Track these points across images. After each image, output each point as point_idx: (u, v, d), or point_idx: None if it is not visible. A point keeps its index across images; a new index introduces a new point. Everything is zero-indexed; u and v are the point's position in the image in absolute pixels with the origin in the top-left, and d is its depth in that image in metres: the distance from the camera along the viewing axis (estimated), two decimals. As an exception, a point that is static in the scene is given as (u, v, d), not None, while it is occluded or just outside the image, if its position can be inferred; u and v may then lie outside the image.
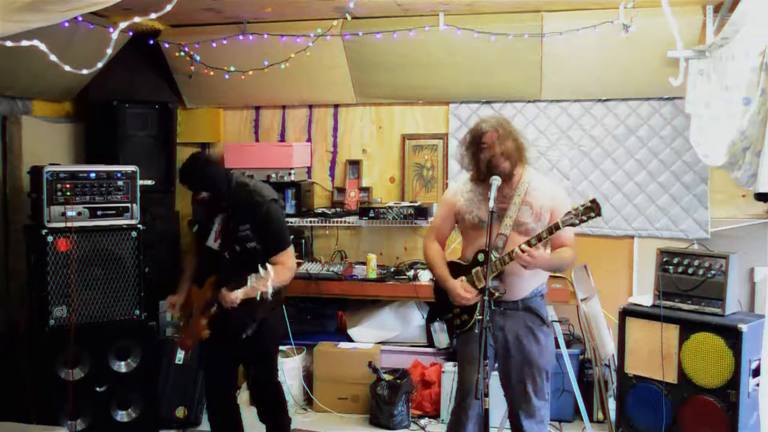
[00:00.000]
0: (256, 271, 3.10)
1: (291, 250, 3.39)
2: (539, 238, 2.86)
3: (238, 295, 3.14)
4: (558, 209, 2.97)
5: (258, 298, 3.12)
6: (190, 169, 3.31)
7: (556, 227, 2.82)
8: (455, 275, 3.10)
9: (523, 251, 2.84)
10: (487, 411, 2.59)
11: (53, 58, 3.11)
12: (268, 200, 3.30)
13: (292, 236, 3.64)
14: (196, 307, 3.40)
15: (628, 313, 3.80)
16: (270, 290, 3.09)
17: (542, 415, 3.09)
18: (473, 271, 3.05)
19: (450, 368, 4.30)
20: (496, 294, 2.95)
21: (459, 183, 3.26)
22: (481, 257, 3.01)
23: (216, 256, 3.33)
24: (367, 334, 4.66)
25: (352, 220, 4.76)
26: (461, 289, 3.03)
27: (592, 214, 2.76)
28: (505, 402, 3.19)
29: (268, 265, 3.08)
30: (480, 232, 3.02)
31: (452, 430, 3.17)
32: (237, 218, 3.28)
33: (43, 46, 2.99)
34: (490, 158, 2.96)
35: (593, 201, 2.77)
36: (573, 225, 2.81)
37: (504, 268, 2.95)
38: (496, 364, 3.13)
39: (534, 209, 3.01)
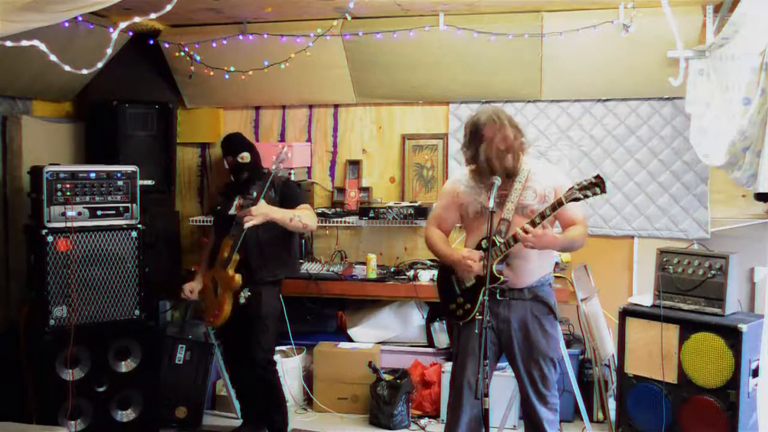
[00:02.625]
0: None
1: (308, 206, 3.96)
2: (542, 216, 2.80)
3: (266, 210, 3.60)
4: (561, 188, 2.90)
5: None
6: (234, 134, 4.05)
7: (560, 203, 2.77)
8: None
9: (526, 232, 2.78)
10: (487, 411, 2.59)
11: (53, 58, 3.10)
12: (290, 179, 3.80)
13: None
14: (218, 269, 3.78)
15: (628, 313, 3.80)
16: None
17: (553, 402, 3.07)
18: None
19: (450, 368, 4.29)
20: (501, 278, 2.91)
21: (458, 175, 3.23)
22: (484, 244, 2.93)
23: (233, 220, 3.74)
24: (367, 334, 4.66)
25: (352, 220, 4.76)
26: (466, 251, 2.97)
27: (597, 190, 2.70)
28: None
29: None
30: (483, 221, 2.97)
31: (451, 424, 3.15)
32: (260, 187, 3.73)
33: (43, 46, 2.98)
34: (495, 153, 2.92)
35: (597, 176, 2.71)
36: (577, 200, 2.74)
37: (509, 251, 2.90)
38: (499, 363, 3.12)
39: (537, 192, 2.98)
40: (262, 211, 3.58)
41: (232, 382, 4.31)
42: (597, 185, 2.70)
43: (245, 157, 3.87)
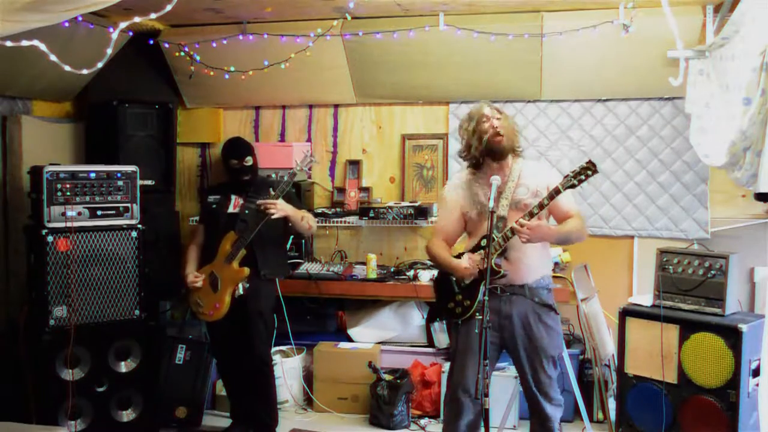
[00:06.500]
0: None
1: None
2: (541, 206, 2.87)
3: (285, 206, 3.73)
4: (553, 185, 2.96)
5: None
6: (237, 139, 4.10)
7: (557, 191, 2.85)
8: None
9: (521, 225, 2.84)
10: (487, 411, 2.59)
11: (53, 58, 3.10)
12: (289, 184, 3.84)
13: (291, 236, 4.46)
14: (218, 264, 3.84)
15: (628, 313, 3.80)
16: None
17: (558, 398, 3.12)
18: (475, 254, 3.06)
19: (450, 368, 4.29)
20: (501, 272, 2.94)
21: (454, 180, 3.29)
22: (483, 243, 2.99)
23: (235, 218, 3.85)
24: (367, 334, 4.66)
25: (352, 220, 4.76)
26: (465, 260, 3.02)
27: (589, 172, 2.80)
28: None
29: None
30: (481, 223, 3.07)
31: (449, 423, 3.16)
32: (259, 192, 3.86)
33: (43, 46, 2.99)
34: (491, 133, 3.01)
35: (588, 161, 2.81)
36: (573, 186, 2.82)
37: (506, 244, 2.95)
38: (498, 363, 3.13)
39: (530, 188, 3.06)
40: (282, 207, 3.71)
41: (223, 380, 4.25)
42: (588, 168, 2.79)
43: (249, 160, 3.95)
